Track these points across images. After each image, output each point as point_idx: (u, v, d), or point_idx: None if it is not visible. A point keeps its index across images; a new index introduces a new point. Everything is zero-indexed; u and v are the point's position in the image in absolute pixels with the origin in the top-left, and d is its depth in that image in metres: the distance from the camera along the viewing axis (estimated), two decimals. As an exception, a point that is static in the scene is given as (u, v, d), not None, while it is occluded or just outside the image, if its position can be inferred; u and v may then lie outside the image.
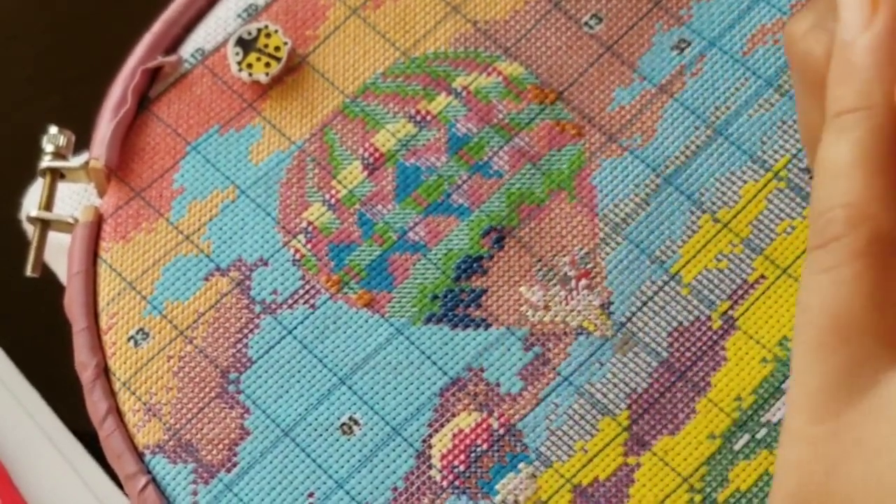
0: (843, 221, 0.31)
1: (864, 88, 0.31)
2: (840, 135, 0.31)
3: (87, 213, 0.51)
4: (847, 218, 0.31)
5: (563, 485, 0.46)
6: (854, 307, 0.31)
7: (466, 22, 0.53)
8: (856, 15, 0.31)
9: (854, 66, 0.31)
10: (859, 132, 0.31)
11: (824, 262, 0.31)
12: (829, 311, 0.31)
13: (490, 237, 0.49)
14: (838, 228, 0.31)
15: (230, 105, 0.52)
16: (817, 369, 0.31)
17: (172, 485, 0.47)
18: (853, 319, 0.31)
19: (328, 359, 0.48)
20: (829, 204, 0.31)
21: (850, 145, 0.31)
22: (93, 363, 0.48)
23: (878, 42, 0.31)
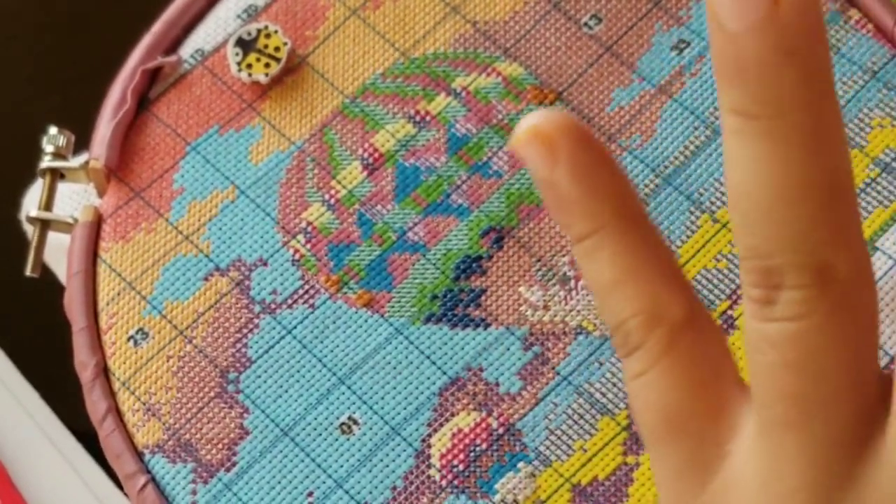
0: (638, 329, 0.32)
1: (589, 212, 0.32)
2: (592, 258, 0.32)
3: (87, 213, 0.51)
4: (640, 325, 0.32)
5: (562, 484, 0.46)
6: (674, 399, 0.32)
7: (466, 22, 0.53)
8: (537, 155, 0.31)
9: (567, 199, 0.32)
10: (608, 250, 0.32)
11: (636, 368, 0.32)
12: (654, 410, 0.32)
13: (489, 237, 0.49)
14: (637, 337, 0.32)
15: (230, 105, 0.52)
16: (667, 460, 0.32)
17: (172, 484, 0.47)
18: (680, 408, 0.32)
19: (327, 358, 0.48)
20: (619, 318, 0.32)
21: (607, 263, 0.32)
22: (92, 363, 0.48)
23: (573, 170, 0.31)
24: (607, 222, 0.32)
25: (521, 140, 0.32)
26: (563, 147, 0.31)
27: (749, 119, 0.29)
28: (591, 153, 0.32)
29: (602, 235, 0.32)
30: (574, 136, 0.31)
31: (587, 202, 0.32)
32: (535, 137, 0.31)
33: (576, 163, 0.31)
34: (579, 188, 0.31)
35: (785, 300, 0.30)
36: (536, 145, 0.31)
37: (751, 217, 0.30)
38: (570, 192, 0.31)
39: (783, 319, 0.30)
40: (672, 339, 0.32)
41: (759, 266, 0.30)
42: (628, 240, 0.32)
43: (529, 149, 0.31)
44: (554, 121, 0.31)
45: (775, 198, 0.29)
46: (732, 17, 0.28)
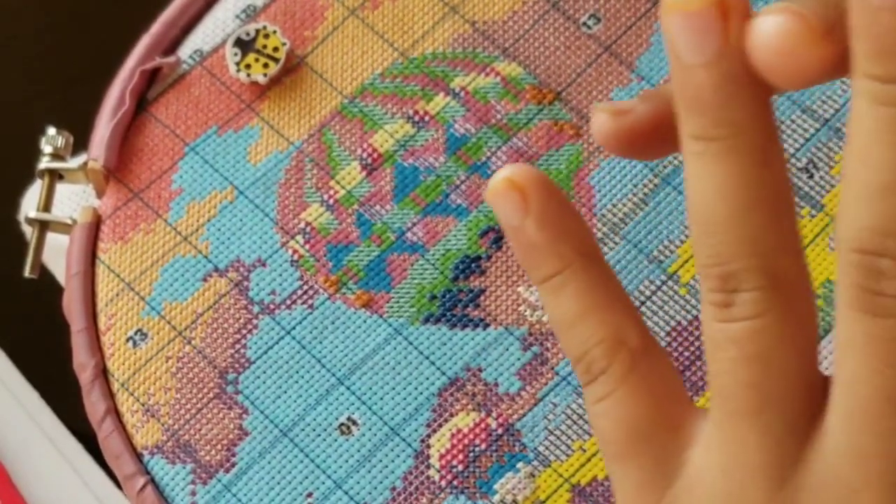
0: (604, 355, 0.35)
1: (556, 253, 0.36)
2: (558, 295, 0.36)
3: (86, 214, 0.51)
4: (605, 351, 0.35)
5: (561, 484, 0.46)
6: (641, 415, 0.35)
7: (465, 22, 0.53)
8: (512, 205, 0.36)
9: (535, 241, 0.36)
10: (573, 286, 0.36)
11: (600, 392, 0.35)
12: (621, 426, 0.35)
13: (488, 237, 0.49)
14: (602, 362, 0.35)
15: (228, 106, 0.52)
16: (630, 475, 0.36)
17: (171, 485, 0.47)
18: (644, 424, 0.35)
19: (326, 359, 0.48)
20: (584, 348, 0.36)
21: (572, 298, 0.36)
22: (91, 364, 0.48)
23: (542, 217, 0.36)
24: (572, 261, 0.36)
25: (498, 190, 0.36)
26: (533, 196, 0.35)
27: (708, 142, 0.32)
28: (556, 201, 0.36)
29: (567, 274, 0.36)
30: (541, 186, 0.36)
31: (554, 244, 0.36)
32: (511, 188, 0.36)
33: (544, 210, 0.36)
34: (547, 232, 0.36)
35: (742, 301, 0.33)
36: (512, 194, 0.36)
37: (710, 228, 0.33)
38: (539, 237, 0.36)
39: (742, 318, 0.33)
40: (634, 362, 0.35)
41: (718, 272, 0.33)
42: (590, 276, 0.36)
43: (505, 198, 0.36)
44: (524, 173, 0.36)
45: (733, 208, 0.32)
46: (689, 51, 0.32)
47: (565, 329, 0.36)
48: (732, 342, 0.33)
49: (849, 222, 0.32)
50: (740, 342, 0.33)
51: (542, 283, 0.36)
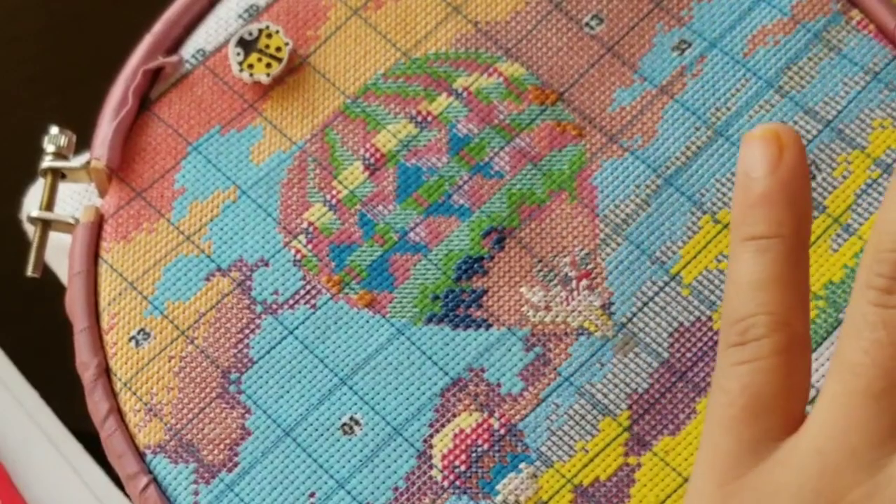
0: (766, 325, 0.37)
1: (777, 219, 0.37)
2: (756, 255, 0.37)
3: (88, 213, 0.51)
4: (769, 323, 0.37)
5: (563, 485, 0.46)
6: (768, 392, 0.37)
7: (467, 23, 0.53)
8: (763, 155, 0.38)
9: (767, 199, 0.37)
10: (774, 254, 0.37)
11: (744, 356, 0.37)
12: (747, 393, 0.37)
13: (491, 238, 0.49)
14: (761, 331, 0.37)
15: (231, 105, 0.52)
16: (731, 439, 0.37)
17: (174, 485, 0.47)
18: (767, 401, 0.36)
19: (329, 359, 0.48)
20: (750, 311, 0.37)
21: (766, 265, 0.37)
22: (94, 363, 0.48)
23: (787, 181, 0.38)
24: (786, 234, 0.37)
25: (760, 136, 0.38)
26: (789, 158, 0.37)
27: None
28: (803, 173, 0.38)
29: (776, 242, 0.37)
30: (799, 153, 0.38)
31: (780, 209, 0.37)
32: (774, 138, 0.38)
33: (792, 174, 0.37)
34: (783, 195, 0.37)
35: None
36: (771, 146, 0.38)
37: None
38: (772, 196, 0.37)
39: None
40: (789, 345, 0.37)
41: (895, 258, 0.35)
42: (792, 255, 0.37)
43: (763, 146, 0.38)
44: (791, 135, 0.38)
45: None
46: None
47: (743, 289, 0.37)
48: (884, 325, 0.35)
49: None
50: (890, 327, 0.35)
51: (747, 239, 0.38)
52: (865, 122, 0.50)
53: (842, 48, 0.51)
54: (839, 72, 0.51)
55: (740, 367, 0.37)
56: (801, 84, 0.51)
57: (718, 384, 0.37)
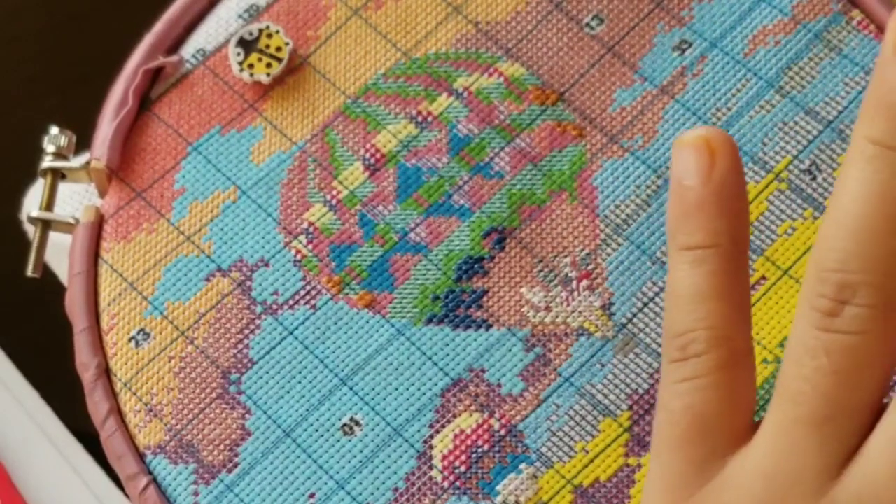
0: (706, 341, 0.36)
1: (713, 229, 0.36)
2: (693, 267, 0.36)
3: (88, 213, 0.51)
4: (709, 338, 0.36)
5: (564, 485, 0.46)
6: (712, 410, 0.36)
7: (468, 23, 0.53)
8: (695, 163, 0.36)
9: (701, 209, 0.36)
10: (711, 266, 0.36)
11: (685, 373, 0.36)
12: (690, 413, 0.36)
13: (491, 238, 0.49)
14: (701, 346, 0.36)
15: (231, 105, 0.52)
16: (678, 459, 0.36)
17: (173, 485, 0.47)
18: (711, 420, 0.36)
19: (329, 359, 0.48)
20: (689, 326, 0.36)
21: (704, 277, 0.36)
22: (94, 364, 0.48)
23: (720, 189, 0.36)
24: (722, 244, 0.36)
25: (690, 142, 0.36)
26: (721, 166, 0.36)
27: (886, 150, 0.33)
28: (737, 181, 0.36)
29: (712, 252, 0.36)
30: (732, 160, 0.36)
31: (715, 219, 0.36)
32: (705, 144, 0.36)
33: (724, 183, 0.36)
34: (716, 205, 0.36)
35: (850, 314, 0.33)
36: (703, 153, 0.36)
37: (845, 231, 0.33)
38: (705, 205, 0.36)
39: (843, 331, 0.34)
40: (730, 361, 0.36)
41: (839, 279, 0.34)
42: (730, 266, 0.36)
43: (694, 153, 0.36)
44: (723, 140, 0.36)
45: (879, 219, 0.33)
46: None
47: (681, 302, 0.36)
48: (826, 352, 0.34)
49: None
50: (833, 354, 0.34)
51: (683, 249, 0.37)
52: (866, 123, 0.50)
53: (842, 48, 0.51)
54: (840, 72, 0.51)
55: (682, 385, 0.36)
56: (801, 84, 0.50)
57: (662, 402, 0.37)
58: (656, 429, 0.37)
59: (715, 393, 0.36)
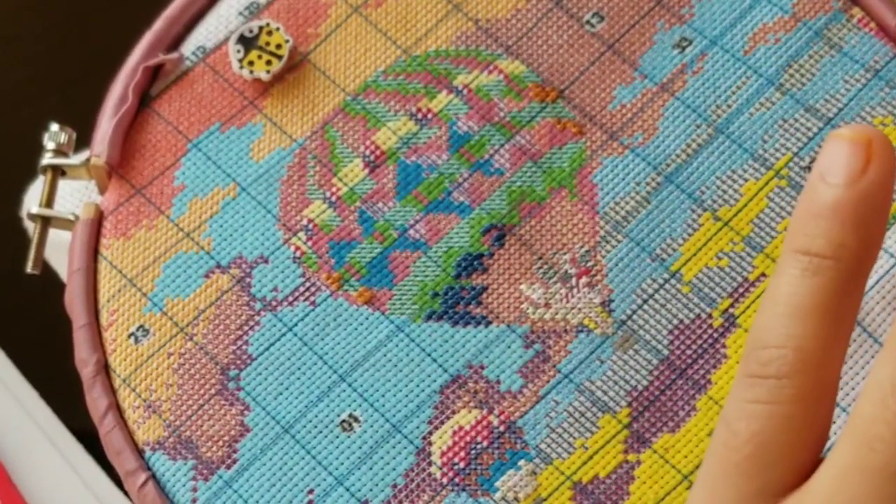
0: (792, 363, 0.32)
1: (839, 240, 0.32)
2: (804, 276, 0.32)
3: (88, 210, 0.51)
4: (796, 361, 0.32)
5: (563, 482, 0.46)
6: (779, 443, 0.32)
7: (468, 20, 0.53)
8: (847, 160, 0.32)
9: (835, 212, 0.32)
10: (825, 279, 0.32)
11: (762, 395, 0.33)
12: (755, 441, 0.32)
13: (491, 235, 0.49)
14: (785, 368, 0.32)
15: (231, 103, 0.52)
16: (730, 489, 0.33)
17: (172, 481, 0.47)
18: (775, 453, 0.32)
19: (328, 356, 0.48)
20: (778, 339, 0.32)
21: (815, 289, 0.32)
22: (93, 360, 0.48)
23: (864, 198, 0.32)
24: (845, 259, 0.32)
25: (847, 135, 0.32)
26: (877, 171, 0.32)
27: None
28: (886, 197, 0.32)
29: (830, 265, 0.32)
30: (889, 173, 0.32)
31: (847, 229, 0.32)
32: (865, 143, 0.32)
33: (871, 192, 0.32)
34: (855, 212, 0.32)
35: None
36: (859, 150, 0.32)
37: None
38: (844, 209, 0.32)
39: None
40: (814, 391, 0.32)
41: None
42: (846, 286, 0.32)
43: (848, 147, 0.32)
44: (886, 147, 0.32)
45: None
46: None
47: (777, 311, 0.33)
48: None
49: None
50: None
51: (798, 252, 0.33)
52: (866, 121, 0.50)
53: (843, 46, 0.51)
54: (840, 69, 0.51)
55: (753, 407, 0.33)
56: (801, 82, 0.50)
57: (727, 419, 0.33)
58: (713, 445, 0.34)
59: (788, 425, 0.32)
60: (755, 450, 0.33)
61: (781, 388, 0.32)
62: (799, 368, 0.32)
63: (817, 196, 0.32)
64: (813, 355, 0.32)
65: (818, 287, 0.32)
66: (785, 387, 0.32)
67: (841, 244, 0.32)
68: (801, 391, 0.32)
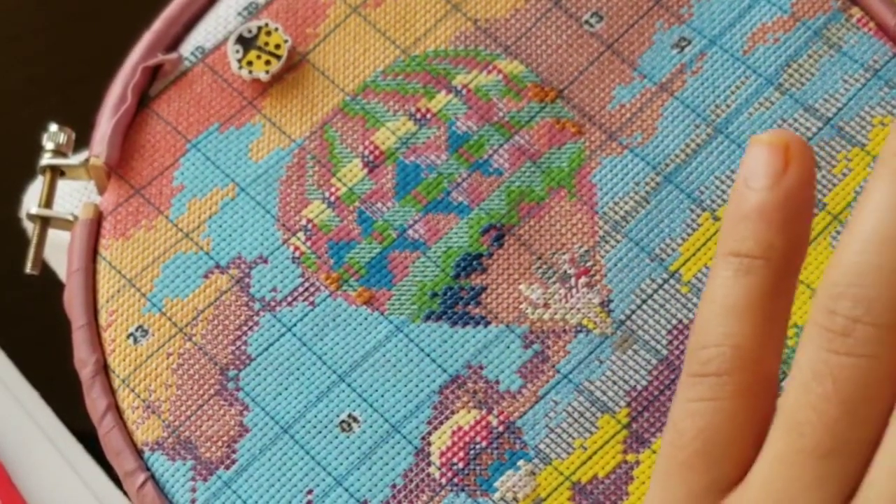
0: (731, 360, 0.33)
1: (767, 239, 0.34)
2: (736, 276, 0.34)
3: (87, 210, 0.51)
4: (735, 357, 0.33)
5: (562, 482, 0.46)
6: (725, 437, 0.34)
7: (467, 20, 0.53)
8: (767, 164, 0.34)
9: (761, 214, 0.34)
10: (757, 278, 0.34)
11: (704, 392, 0.34)
12: (701, 436, 0.34)
13: (490, 235, 0.49)
14: (724, 366, 0.33)
15: (230, 103, 0.52)
16: (680, 487, 0.34)
17: (171, 482, 0.47)
18: (722, 447, 0.34)
19: (327, 356, 0.48)
20: (715, 339, 0.34)
21: (748, 288, 0.34)
22: (92, 360, 0.48)
23: (786, 199, 0.34)
24: (774, 258, 0.34)
25: (766, 140, 0.34)
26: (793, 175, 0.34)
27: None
28: (807, 197, 0.34)
29: (760, 265, 0.34)
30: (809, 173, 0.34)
31: (772, 230, 0.34)
32: (782, 147, 0.34)
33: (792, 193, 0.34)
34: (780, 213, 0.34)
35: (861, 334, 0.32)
36: (778, 153, 0.34)
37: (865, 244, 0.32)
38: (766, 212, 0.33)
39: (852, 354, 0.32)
40: (754, 386, 0.33)
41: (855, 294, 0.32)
42: (777, 284, 0.34)
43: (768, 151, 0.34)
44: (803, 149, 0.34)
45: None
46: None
47: (714, 312, 0.34)
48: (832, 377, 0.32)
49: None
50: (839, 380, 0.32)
51: (730, 255, 0.34)
52: (865, 120, 0.50)
53: (842, 45, 0.51)
54: (839, 69, 0.50)
55: (696, 405, 0.34)
56: (801, 81, 0.50)
57: (673, 420, 0.34)
58: (663, 446, 0.35)
59: (729, 421, 0.33)
60: (702, 446, 0.34)
61: (722, 385, 0.33)
62: (738, 365, 0.33)
63: (743, 200, 0.34)
64: (750, 351, 0.33)
65: (751, 286, 0.34)
66: (726, 383, 0.33)
67: (769, 244, 0.34)
68: (741, 386, 0.33)
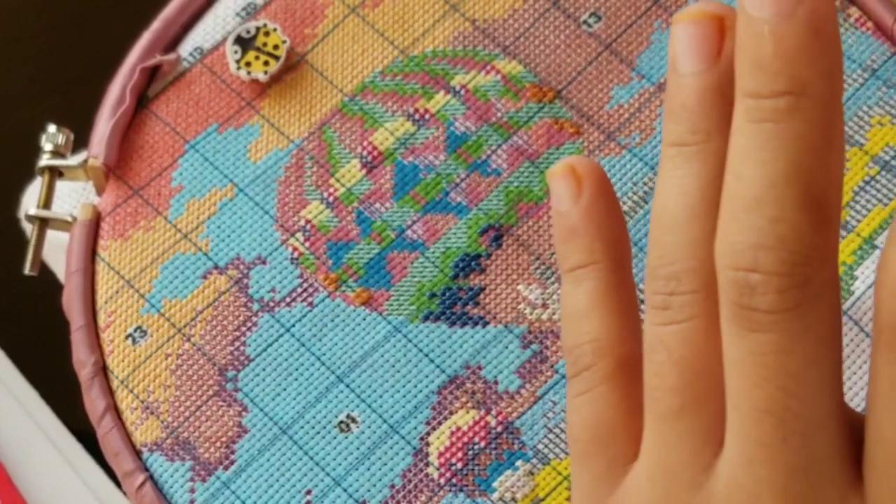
0: (591, 354, 0.37)
1: (587, 247, 0.38)
2: (576, 286, 0.38)
3: (86, 211, 0.51)
4: (594, 350, 0.37)
5: (560, 482, 0.46)
6: (607, 419, 0.37)
7: (465, 20, 0.53)
8: (566, 190, 0.38)
9: (575, 231, 0.38)
10: (591, 282, 0.38)
11: (580, 388, 0.38)
12: (587, 425, 0.37)
13: (488, 235, 0.49)
14: (588, 360, 0.37)
15: (229, 103, 0.52)
16: (585, 473, 0.37)
17: (170, 482, 0.47)
18: (607, 428, 0.37)
19: (326, 357, 0.48)
20: (576, 342, 0.38)
21: (586, 294, 0.38)
22: (91, 361, 0.48)
23: (589, 210, 0.38)
24: (599, 260, 0.38)
25: (558, 172, 0.38)
26: (587, 189, 0.38)
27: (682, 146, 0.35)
28: (606, 201, 0.38)
29: (591, 270, 0.38)
30: (597, 182, 0.38)
31: (589, 239, 0.38)
32: (571, 172, 0.38)
33: (592, 204, 0.38)
34: (587, 225, 0.38)
35: (678, 303, 0.35)
36: (569, 180, 0.38)
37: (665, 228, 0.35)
38: (579, 227, 0.38)
39: (674, 322, 0.35)
40: (617, 370, 0.37)
41: (665, 272, 0.35)
42: (610, 279, 0.38)
43: (562, 181, 0.38)
44: (587, 166, 0.38)
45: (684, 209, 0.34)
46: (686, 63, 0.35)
47: (570, 320, 0.38)
48: (664, 346, 0.35)
49: (722, 237, 0.33)
50: (670, 346, 0.35)
51: (567, 271, 0.38)
52: (864, 120, 0.50)
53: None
54: (837, 69, 0.50)
55: (577, 400, 0.37)
56: (799, 81, 0.50)
57: (567, 421, 0.38)
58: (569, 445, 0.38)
59: (606, 403, 0.37)
60: (592, 433, 0.37)
61: (592, 375, 0.37)
62: (598, 354, 0.37)
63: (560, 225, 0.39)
64: (607, 341, 0.37)
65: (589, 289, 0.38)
66: (594, 373, 0.37)
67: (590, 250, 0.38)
68: (607, 370, 0.37)
